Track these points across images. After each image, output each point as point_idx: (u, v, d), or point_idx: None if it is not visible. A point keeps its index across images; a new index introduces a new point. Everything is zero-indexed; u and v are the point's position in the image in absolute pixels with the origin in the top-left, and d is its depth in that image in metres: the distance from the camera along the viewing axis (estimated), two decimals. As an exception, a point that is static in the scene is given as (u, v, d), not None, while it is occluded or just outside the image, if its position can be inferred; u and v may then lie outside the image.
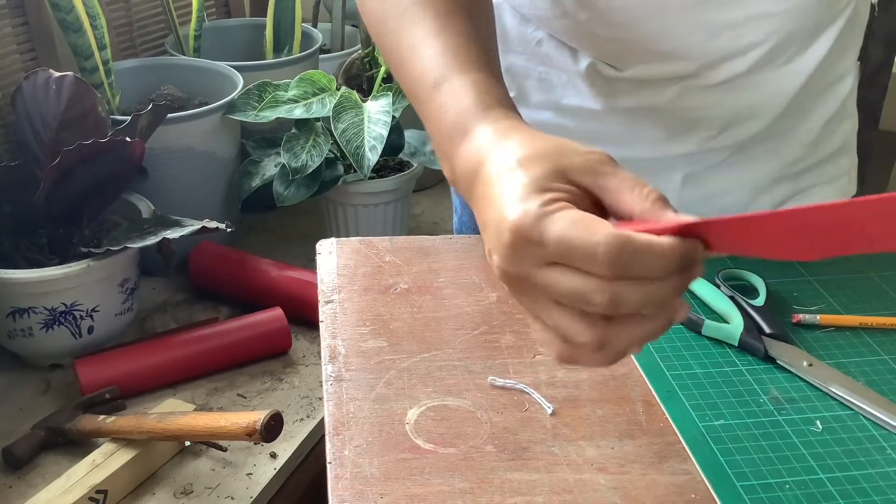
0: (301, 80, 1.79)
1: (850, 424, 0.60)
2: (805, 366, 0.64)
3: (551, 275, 0.48)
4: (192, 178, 1.81)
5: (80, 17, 1.67)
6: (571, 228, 0.46)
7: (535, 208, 0.48)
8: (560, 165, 0.50)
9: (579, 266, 0.47)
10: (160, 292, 1.83)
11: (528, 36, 0.80)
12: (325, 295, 0.72)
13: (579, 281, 0.47)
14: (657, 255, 0.46)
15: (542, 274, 0.48)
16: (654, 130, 0.80)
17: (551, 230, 0.47)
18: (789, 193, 0.84)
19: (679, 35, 0.73)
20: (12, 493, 1.32)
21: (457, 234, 1.02)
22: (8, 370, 1.58)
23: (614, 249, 0.45)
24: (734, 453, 0.57)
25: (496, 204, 0.50)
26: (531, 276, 0.48)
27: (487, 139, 0.55)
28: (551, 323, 0.49)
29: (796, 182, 0.84)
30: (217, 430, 1.25)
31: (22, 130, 1.57)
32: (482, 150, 0.54)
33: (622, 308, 0.47)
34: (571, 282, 0.47)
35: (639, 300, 0.47)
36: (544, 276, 0.48)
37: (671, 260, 0.46)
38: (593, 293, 0.47)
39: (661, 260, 0.46)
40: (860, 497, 0.54)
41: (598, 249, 0.45)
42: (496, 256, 0.50)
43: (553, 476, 0.55)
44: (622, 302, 0.47)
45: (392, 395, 0.62)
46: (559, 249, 0.47)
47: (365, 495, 0.54)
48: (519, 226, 0.48)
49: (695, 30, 0.73)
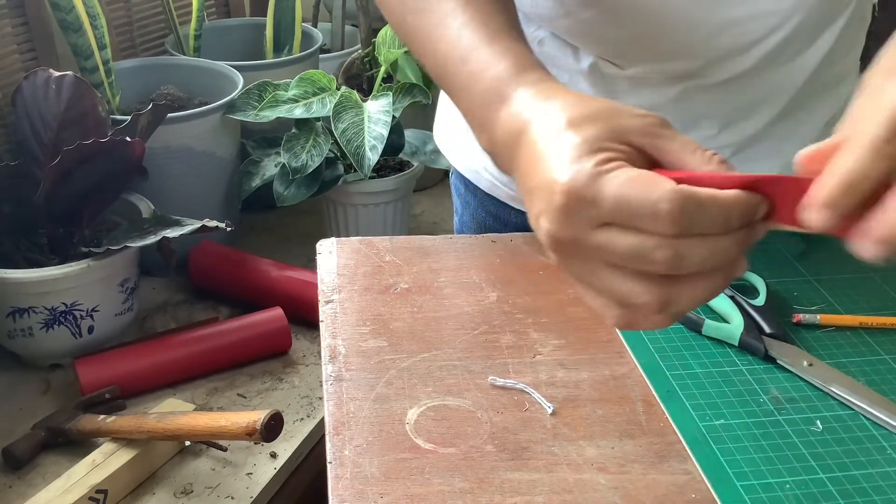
0: (301, 80, 1.79)
1: (850, 424, 0.60)
2: (805, 366, 0.64)
3: (607, 235, 0.46)
4: (192, 178, 1.81)
5: (80, 17, 1.67)
6: (630, 185, 0.44)
7: (590, 167, 0.46)
8: (615, 126, 0.48)
9: (639, 225, 0.45)
10: (160, 292, 1.83)
11: (529, 35, 0.80)
12: (325, 295, 0.72)
13: (638, 240, 0.45)
14: (722, 209, 0.44)
15: (596, 236, 0.46)
16: None
17: (607, 189, 0.45)
18: None
19: (681, 33, 0.73)
20: (12, 493, 1.32)
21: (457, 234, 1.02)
22: (8, 370, 1.58)
23: (677, 205, 0.43)
24: (734, 453, 0.57)
25: (545, 166, 0.48)
26: (585, 238, 0.46)
27: (529, 102, 0.52)
28: (606, 288, 0.47)
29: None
30: (217, 429, 1.25)
31: (22, 130, 1.57)
32: (524, 114, 0.52)
33: (685, 266, 0.45)
34: (630, 241, 0.45)
35: (703, 256, 0.45)
36: (599, 237, 0.46)
37: (736, 213, 0.45)
38: (654, 250, 0.45)
39: (725, 213, 0.44)
40: (860, 497, 0.54)
41: (659, 206, 0.44)
42: (545, 221, 0.47)
43: (553, 476, 0.55)
44: (685, 259, 0.45)
45: (392, 394, 0.62)
46: (617, 208, 0.45)
47: (365, 495, 0.54)
48: (572, 186, 0.46)
49: (697, 28, 0.73)
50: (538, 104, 0.52)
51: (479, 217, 0.96)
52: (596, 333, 0.68)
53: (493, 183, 0.91)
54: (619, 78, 0.78)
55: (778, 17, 0.73)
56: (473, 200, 0.96)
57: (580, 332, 0.68)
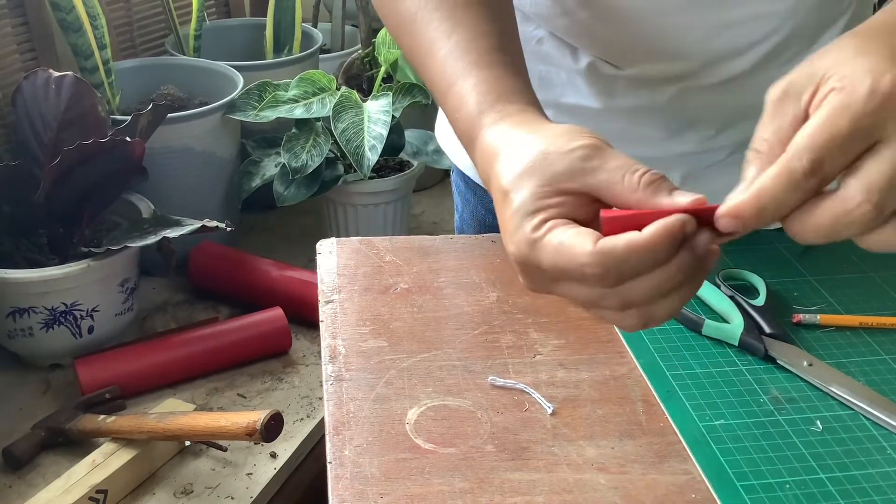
0: (301, 80, 1.79)
1: (850, 424, 0.60)
2: (805, 366, 0.64)
3: (564, 288, 0.50)
4: (192, 178, 1.81)
5: (80, 17, 1.67)
6: (556, 255, 0.49)
7: (527, 236, 0.50)
8: (546, 178, 0.51)
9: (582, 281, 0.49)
10: (160, 292, 1.83)
11: (528, 35, 0.80)
12: (325, 295, 0.72)
13: (588, 292, 0.49)
14: (643, 252, 0.47)
15: (556, 288, 0.51)
16: (653, 129, 0.80)
17: (543, 258, 0.49)
18: None
19: (679, 34, 0.73)
20: (12, 493, 1.32)
21: (458, 232, 1.02)
22: (8, 370, 1.58)
23: (599, 268, 0.47)
24: (734, 453, 0.57)
25: (502, 229, 0.53)
26: (550, 289, 0.51)
27: (488, 150, 0.56)
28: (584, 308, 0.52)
29: None
30: (217, 430, 1.25)
31: (22, 130, 1.57)
32: (486, 162, 0.56)
33: (637, 303, 0.49)
34: (583, 293, 0.50)
35: (649, 292, 0.48)
36: (559, 289, 0.51)
37: (660, 248, 0.47)
38: (603, 299, 0.49)
39: (648, 254, 0.47)
40: (860, 497, 0.54)
41: (585, 271, 0.47)
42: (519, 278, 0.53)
43: (553, 476, 0.55)
44: (633, 299, 0.48)
45: (392, 394, 0.62)
46: (556, 273, 0.49)
47: (365, 495, 0.54)
48: (517, 258, 0.51)
49: (694, 29, 0.73)
50: (492, 156, 0.55)
51: (478, 214, 0.96)
52: (596, 333, 0.68)
53: None
54: (616, 78, 0.78)
55: (776, 20, 0.73)
56: (473, 198, 0.96)
57: (580, 332, 0.68)
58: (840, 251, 0.79)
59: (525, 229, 0.50)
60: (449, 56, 0.61)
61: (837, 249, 0.79)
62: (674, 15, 0.72)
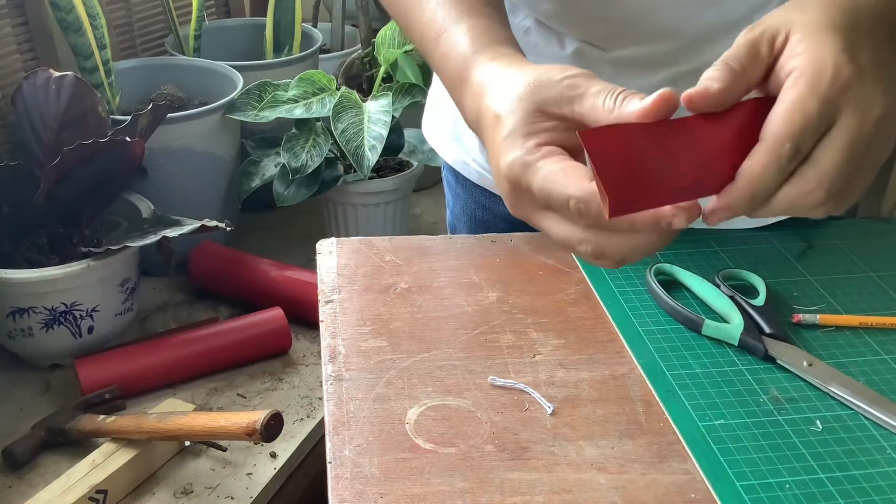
0: (301, 80, 1.79)
1: (850, 424, 0.60)
2: (805, 365, 0.64)
3: (546, 221, 0.53)
4: (191, 177, 1.81)
5: (80, 17, 1.67)
6: (548, 181, 0.51)
7: (520, 157, 0.52)
8: (537, 103, 0.53)
9: (563, 215, 0.51)
10: (160, 292, 1.83)
11: (515, 26, 0.80)
12: (325, 295, 0.72)
13: (567, 230, 0.52)
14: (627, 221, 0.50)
15: (539, 218, 0.53)
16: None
17: (534, 181, 0.52)
18: None
19: (665, 9, 0.73)
20: (12, 493, 1.32)
21: (450, 228, 1.02)
22: (8, 370, 1.58)
23: (583, 203, 0.50)
24: (734, 453, 0.57)
25: (492, 155, 0.55)
26: (533, 218, 0.54)
27: (480, 85, 0.58)
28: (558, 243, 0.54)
29: None
30: (217, 430, 1.25)
31: (22, 130, 1.57)
32: (477, 98, 0.58)
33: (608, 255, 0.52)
34: (561, 230, 0.52)
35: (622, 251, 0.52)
36: (540, 220, 0.53)
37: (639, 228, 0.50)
38: (579, 244, 0.52)
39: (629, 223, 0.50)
40: (860, 497, 0.54)
41: (570, 203, 0.50)
42: (505, 202, 0.55)
43: (553, 476, 0.55)
44: (605, 251, 0.51)
45: (392, 394, 0.62)
46: (543, 198, 0.51)
47: (365, 495, 0.54)
48: (508, 175, 0.53)
49: (680, 5, 0.73)
50: (485, 87, 0.58)
51: (469, 209, 0.96)
52: (596, 333, 0.68)
53: (481, 174, 0.91)
54: (603, 62, 0.78)
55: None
56: (464, 192, 0.96)
57: (580, 332, 0.68)
58: (840, 251, 0.79)
59: (520, 151, 0.52)
60: (440, 6, 0.64)
61: (837, 249, 0.79)
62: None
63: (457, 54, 0.61)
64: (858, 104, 0.51)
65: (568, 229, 0.52)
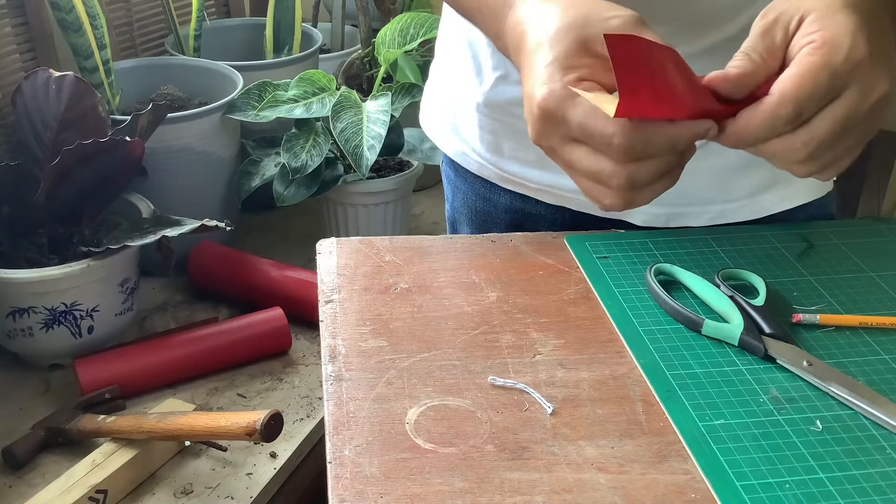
0: (301, 80, 1.79)
1: (850, 424, 0.60)
2: (805, 365, 0.64)
3: (575, 153, 0.53)
4: (191, 177, 1.81)
5: (80, 17, 1.67)
6: (590, 116, 0.51)
7: (559, 89, 0.52)
8: (582, 38, 0.54)
9: (598, 148, 0.52)
10: (160, 292, 1.83)
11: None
12: (325, 295, 0.72)
13: (599, 163, 0.52)
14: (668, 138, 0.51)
15: (566, 150, 0.53)
16: None
17: (572, 114, 0.52)
18: (767, 181, 0.84)
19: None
20: (12, 493, 1.32)
21: (449, 222, 1.02)
22: (8, 370, 1.58)
23: (626, 139, 0.50)
24: (734, 453, 0.57)
25: (529, 80, 0.54)
26: (559, 149, 0.54)
27: (527, 10, 0.58)
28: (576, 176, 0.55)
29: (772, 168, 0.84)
30: (217, 430, 1.25)
31: (22, 130, 1.57)
32: (522, 23, 0.58)
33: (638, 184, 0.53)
34: (591, 162, 0.53)
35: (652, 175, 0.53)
36: (569, 152, 0.53)
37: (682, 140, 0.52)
38: (611, 177, 0.52)
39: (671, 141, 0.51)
40: (860, 497, 0.54)
41: (613, 140, 0.51)
42: (529, 128, 0.55)
43: (553, 476, 0.55)
44: (637, 181, 0.52)
45: (392, 394, 0.62)
46: (580, 132, 0.52)
47: (365, 495, 0.54)
48: (544, 105, 0.53)
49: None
50: (533, 12, 0.58)
51: (469, 201, 0.95)
52: (596, 333, 0.68)
53: (481, 164, 0.90)
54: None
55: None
56: (464, 184, 0.96)
57: (580, 332, 0.68)
58: (840, 251, 0.79)
59: (558, 82, 0.53)
60: None
61: (837, 249, 0.79)
62: None
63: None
64: (864, 82, 0.53)
65: (597, 163, 0.53)
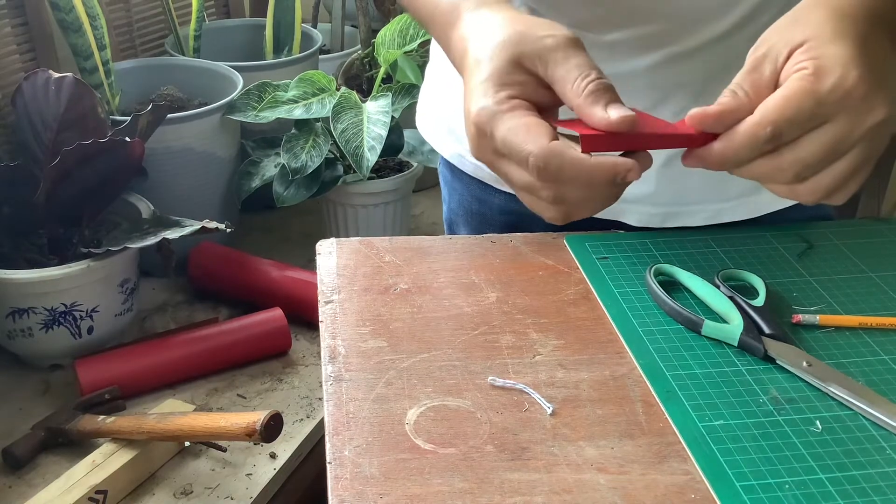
0: (301, 81, 1.79)
1: (849, 424, 0.60)
2: (804, 366, 0.64)
3: (507, 167, 0.56)
4: (191, 178, 1.81)
5: (80, 18, 1.67)
6: (511, 133, 0.54)
7: (491, 105, 0.55)
8: (516, 55, 0.56)
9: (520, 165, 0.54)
10: (160, 292, 1.83)
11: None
12: (324, 295, 0.72)
13: (526, 178, 0.55)
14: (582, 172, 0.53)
15: (501, 164, 0.56)
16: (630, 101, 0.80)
17: (497, 130, 0.54)
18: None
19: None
20: (12, 493, 1.32)
21: (447, 223, 1.02)
22: (8, 370, 1.58)
23: (541, 161, 0.52)
24: (734, 453, 0.57)
25: (466, 96, 0.57)
26: (494, 164, 0.56)
27: (469, 26, 0.60)
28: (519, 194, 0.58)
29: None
30: (217, 430, 1.25)
31: (22, 130, 1.57)
32: (464, 38, 0.60)
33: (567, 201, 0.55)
34: (522, 177, 0.55)
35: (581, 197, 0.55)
36: (501, 166, 0.56)
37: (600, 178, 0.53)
38: (540, 190, 0.55)
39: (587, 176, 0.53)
40: (860, 497, 0.54)
41: (528, 159, 0.53)
42: (469, 143, 0.57)
43: (553, 476, 0.55)
44: (565, 198, 0.55)
45: (392, 395, 0.62)
46: (504, 148, 0.54)
47: (365, 495, 0.54)
48: (476, 121, 0.55)
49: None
50: (473, 28, 0.60)
51: (465, 202, 0.96)
52: (596, 334, 0.68)
53: (476, 165, 0.90)
54: (596, 45, 0.77)
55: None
56: (460, 186, 0.96)
57: (580, 332, 0.68)
58: (840, 251, 0.79)
59: (491, 99, 0.55)
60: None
61: (837, 249, 0.79)
62: None
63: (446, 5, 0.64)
64: (855, 110, 0.53)
65: (526, 177, 0.55)
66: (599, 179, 0.53)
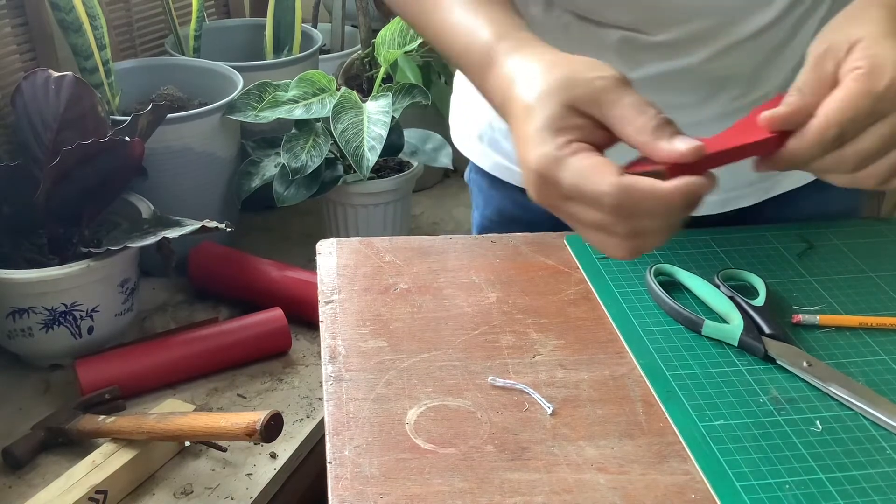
0: (301, 81, 1.79)
1: (849, 424, 0.60)
2: (805, 366, 0.64)
3: (575, 208, 0.55)
4: (191, 178, 1.81)
5: (80, 17, 1.67)
6: (580, 176, 0.53)
7: (552, 151, 0.54)
8: (569, 100, 0.55)
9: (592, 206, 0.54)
10: (160, 292, 1.83)
11: (554, 23, 0.80)
12: (325, 295, 0.72)
13: (600, 217, 0.54)
14: (660, 200, 0.53)
15: (566, 206, 0.55)
16: (683, 96, 0.80)
17: (564, 176, 0.53)
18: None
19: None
20: (12, 493, 1.32)
21: (477, 230, 1.01)
22: (8, 370, 1.58)
23: (616, 199, 0.52)
24: (734, 453, 0.57)
25: (521, 144, 0.56)
26: (558, 207, 0.56)
27: (511, 68, 0.59)
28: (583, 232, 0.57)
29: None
30: (217, 430, 1.25)
31: (22, 130, 1.57)
32: (508, 82, 0.59)
33: (645, 231, 0.54)
34: (594, 216, 0.54)
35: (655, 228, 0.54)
36: (569, 208, 0.55)
37: (674, 202, 0.53)
38: (615, 226, 0.54)
39: (664, 203, 0.53)
40: (860, 497, 0.54)
41: (603, 199, 0.52)
42: (529, 190, 0.57)
43: (553, 476, 0.55)
44: (640, 230, 0.54)
45: (392, 395, 0.62)
46: (574, 192, 0.54)
47: (365, 495, 0.54)
48: (537, 170, 0.54)
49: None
50: (518, 72, 0.59)
51: (506, 210, 0.95)
52: (596, 334, 0.68)
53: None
54: (647, 47, 0.77)
55: None
56: (498, 194, 0.95)
57: (580, 332, 0.68)
58: (840, 251, 0.79)
59: (551, 146, 0.54)
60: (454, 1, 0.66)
61: (837, 250, 0.79)
62: None
63: (481, 43, 0.63)
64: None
65: (599, 216, 0.54)
66: (677, 204, 0.53)
